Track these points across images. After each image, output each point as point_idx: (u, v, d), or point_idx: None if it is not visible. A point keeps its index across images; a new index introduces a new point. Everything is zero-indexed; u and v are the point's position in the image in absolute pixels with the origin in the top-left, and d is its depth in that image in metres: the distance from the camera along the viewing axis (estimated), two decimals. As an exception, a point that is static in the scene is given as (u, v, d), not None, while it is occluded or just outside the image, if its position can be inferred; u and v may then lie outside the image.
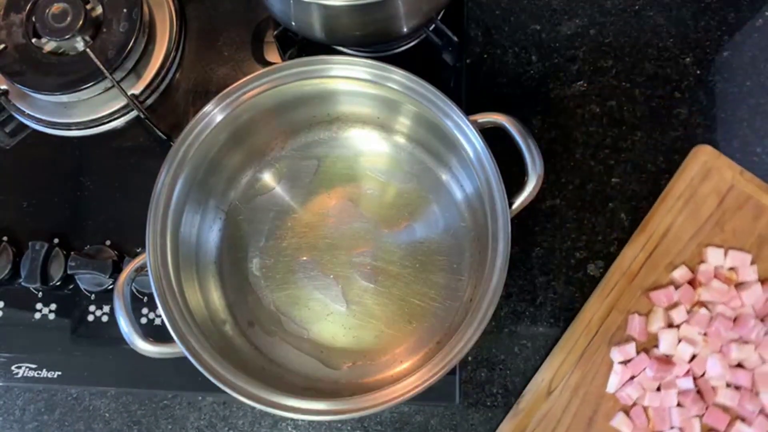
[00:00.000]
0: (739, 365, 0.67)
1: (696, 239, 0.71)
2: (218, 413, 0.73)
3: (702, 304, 0.69)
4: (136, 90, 0.77)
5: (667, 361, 0.67)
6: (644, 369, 0.67)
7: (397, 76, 0.63)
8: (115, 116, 0.78)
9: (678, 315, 0.68)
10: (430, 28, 0.74)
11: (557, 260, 0.74)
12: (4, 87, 0.78)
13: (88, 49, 0.74)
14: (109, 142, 0.78)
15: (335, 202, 0.72)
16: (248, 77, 0.64)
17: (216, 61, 0.80)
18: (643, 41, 0.80)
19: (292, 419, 0.72)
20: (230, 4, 0.82)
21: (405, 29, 0.69)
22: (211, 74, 0.80)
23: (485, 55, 0.80)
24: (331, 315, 0.69)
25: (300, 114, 0.71)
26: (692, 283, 0.69)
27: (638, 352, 0.68)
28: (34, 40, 0.76)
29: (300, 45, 0.78)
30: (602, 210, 0.75)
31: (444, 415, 0.71)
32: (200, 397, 0.73)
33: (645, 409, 0.67)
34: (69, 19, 0.74)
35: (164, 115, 0.78)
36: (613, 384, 0.68)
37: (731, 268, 0.70)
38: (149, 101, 0.79)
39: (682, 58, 0.79)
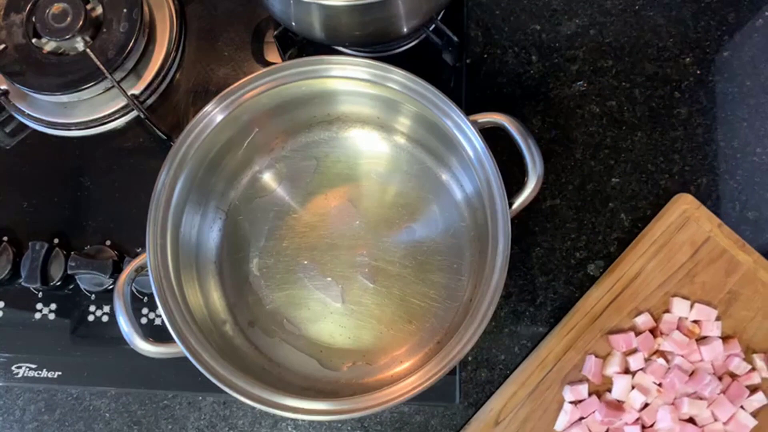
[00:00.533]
0: (691, 420, 0.66)
1: (664, 287, 0.70)
2: (218, 413, 0.73)
3: (661, 353, 0.68)
4: (136, 90, 0.77)
5: (617, 406, 0.66)
6: (594, 411, 0.66)
7: (397, 76, 0.63)
8: (115, 116, 0.78)
9: (635, 362, 0.67)
10: (430, 28, 0.74)
11: (557, 260, 0.74)
12: (4, 87, 0.78)
13: (88, 49, 0.74)
14: (109, 143, 0.78)
15: (335, 203, 0.72)
16: (248, 77, 0.64)
17: (216, 61, 0.80)
18: (643, 41, 0.80)
19: (292, 419, 0.72)
20: (230, 4, 0.82)
21: (405, 29, 0.69)
22: (211, 74, 0.80)
23: (485, 55, 0.80)
24: (331, 315, 0.69)
25: (300, 114, 0.71)
26: (654, 331, 0.69)
27: (590, 394, 0.67)
28: (34, 40, 0.76)
29: (300, 45, 0.78)
30: (602, 210, 0.75)
31: (444, 415, 0.71)
32: (200, 397, 0.73)
33: None
34: (69, 19, 0.74)
35: (164, 115, 0.78)
36: (561, 423, 0.67)
37: (695, 321, 0.69)
38: (149, 101, 0.79)
39: (682, 58, 0.79)
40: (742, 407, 0.66)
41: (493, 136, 0.62)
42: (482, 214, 0.63)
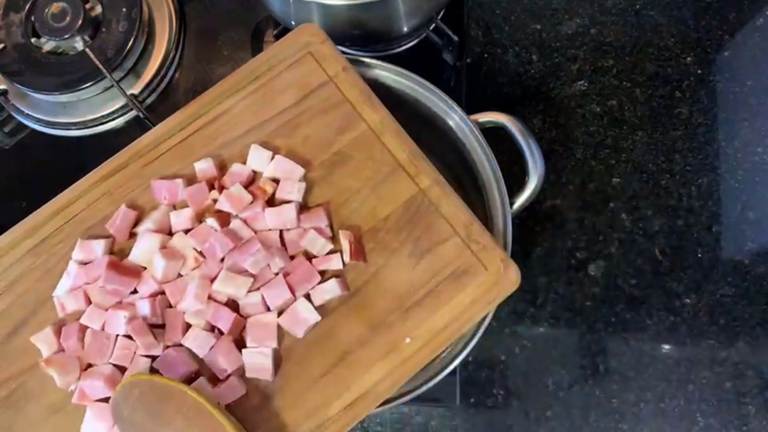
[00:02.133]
0: (235, 305, 0.52)
1: (254, 135, 0.56)
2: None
3: (220, 215, 0.53)
4: (136, 90, 0.77)
5: (132, 272, 0.52)
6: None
7: (398, 75, 0.63)
8: (115, 116, 0.78)
9: (179, 219, 0.53)
10: (431, 28, 0.74)
11: (557, 260, 0.74)
12: (3, 87, 0.78)
13: (87, 49, 0.74)
14: (108, 142, 0.78)
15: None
16: (247, 77, 0.64)
17: (215, 61, 0.80)
18: (643, 41, 0.79)
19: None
20: (230, 3, 0.82)
21: (405, 29, 0.69)
22: (211, 74, 0.79)
23: (486, 55, 0.80)
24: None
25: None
26: (215, 184, 0.55)
27: (111, 255, 0.53)
28: (33, 40, 0.75)
29: (300, 44, 0.78)
30: (603, 210, 0.75)
31: (444, 415, 0.71)
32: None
33: (83, 329, 0.52)
34: (68, 18, 0.74)
35: (164, 115, 0.76)
36: (62, 287, 0.53)
37: (275, 180, 0.55)
38: (149, 101, 0.78)
39: (683, 58, 0.79)
40: (309, 297, 0.52)
41: (493, 136, 0.62)
42: (483, 214, 0.63)
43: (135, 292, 0.52)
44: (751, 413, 0.69)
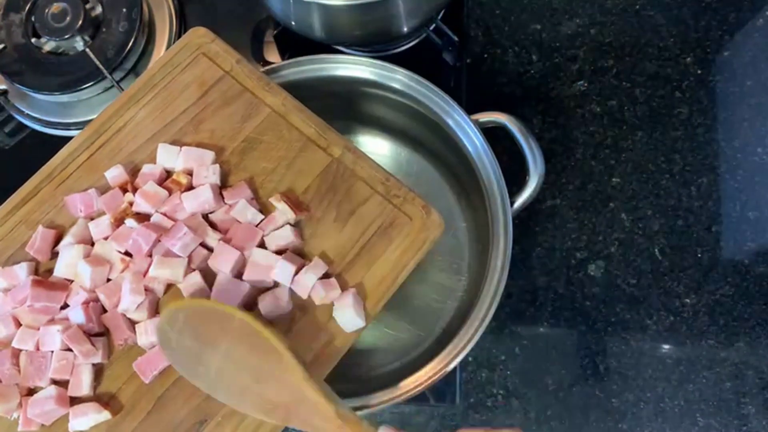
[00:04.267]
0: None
1: (159, 138, 0.57)
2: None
3: (138, 216, 0.53)
4: (136, 90, 0.77)
5: (60, 287, 0.51)
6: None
7: (399, 75, 0.63)
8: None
9: (99, 228, 0.53)
10: (431, 28, 0.74)
11: (557, 260, 0.74)
12: (3, 87, 0.78)
13: (87, 49, 0.74)
14: (108, 142, 0.78)
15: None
16: (248, 77, 0.64)
17: (216, 61, 0.80)
18: (643, 41, 0.79)
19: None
20: (230, 4, 0.82)
21: (405, 29, 0.69)
22: (211, 74, 0.79)
23: (486, 55, 0.80)
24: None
25: (300, 114, 0.70)
26: (129, 188, 0.55)
27: (36, 275, 0.52)
28: (33, 40, 0.75)
29: (300, 45, 0.78)
30: (603, 210, 0.75)
31: (444, 415, 0.71)
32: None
33: (16, 353, 0.50)
34: (68, 18, 0.74)
35: (164, 115, 0.78)
36: None
37: (188, 172, 0.55)
38: (149, 101, 0.78)
39: (682, 58, 0.79)
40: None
41: (493, 136, 0.62)
42: (483, 213, 0.63)
43: (65, 306, 0.51)
44: (751, 413, 0.69)
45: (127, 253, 0.52)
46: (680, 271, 0.73)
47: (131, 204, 0.54)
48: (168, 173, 0.56)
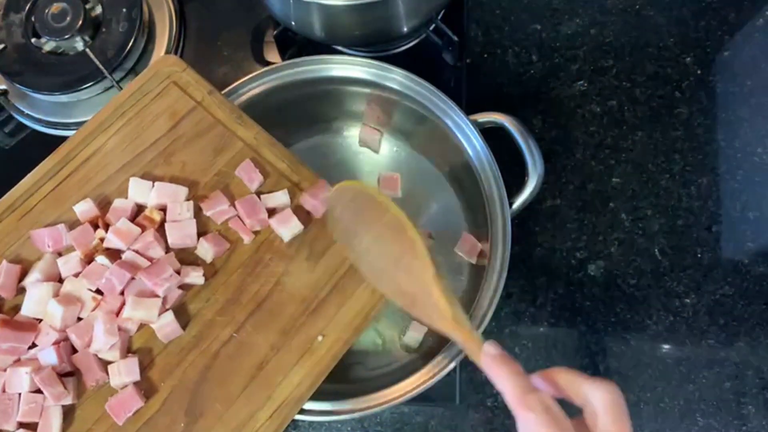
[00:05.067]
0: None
1: (129, 170, 0.55)
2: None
3: (109, 252, 0.52)
4: (136, 90, 0.77)
5: (28, 326, 0.50)
6: None
7: (398, 75, 0.63)
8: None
9: (68, 265, 0.52)
10: (430, 28, 0.74)
11: (557, 260, 0.74)
12: (3, 87, 0.78)
13: (87, 49, 0.74)
14: (108, 142, 0.78)
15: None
16: (248, 77, 0.64)
17: (216, 61, 0.80)
18: (643, 41, 0.79)
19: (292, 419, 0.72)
20: (230, 4, 0.82)
21: (405, 29, 0.69)
22: (211, 74, 0.79)
23: (485, 55, 0.80)
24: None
25: (299, 114, 0.70)
26: (99, 223, 0.54)
27: (1, 312, 0.51)
28: (33, 40, 0.75)
29: (300, 45, 0.78)
30: (603, 210, 0.75)
31: (444, 415, 0.71)
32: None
33: None
34: (68, 18, 0.74)
35: (164, 115, 0.78)
36: None
37: (161, 208, 0.54)
38: (149, 101, 0.78)
39: (682, 58, 0.79)
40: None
41: (493, 136, 0.62)
42: (482, 214, 0.63)
43: (33, 346, 0.50)
44: (750, 413, 0.69)
45: (98, 291, 0.51)
46: (680, 271, 0.73)
47: (102, 240, 0.52)
48: (140, 208, 0.54)
